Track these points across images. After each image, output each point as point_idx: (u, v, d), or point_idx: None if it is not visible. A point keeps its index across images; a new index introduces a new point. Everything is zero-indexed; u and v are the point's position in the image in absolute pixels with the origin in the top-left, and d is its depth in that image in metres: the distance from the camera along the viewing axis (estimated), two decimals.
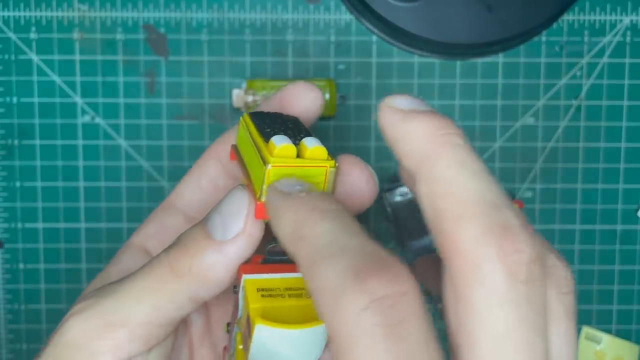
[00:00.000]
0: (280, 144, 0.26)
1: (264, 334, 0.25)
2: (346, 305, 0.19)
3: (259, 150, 0.26)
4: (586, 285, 0.55)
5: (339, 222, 0.22)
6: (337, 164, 0.27)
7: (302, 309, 0.26)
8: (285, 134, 0.27)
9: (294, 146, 0.26)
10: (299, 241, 0.22)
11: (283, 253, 0.27)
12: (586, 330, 0.55)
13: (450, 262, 0.21)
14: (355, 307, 0.19)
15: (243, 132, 0.29)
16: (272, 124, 0.28)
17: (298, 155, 0.26)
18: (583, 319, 0.55)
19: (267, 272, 0.27)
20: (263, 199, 0.26)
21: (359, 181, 0.28)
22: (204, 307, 0.32)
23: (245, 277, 0.27)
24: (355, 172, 0.28)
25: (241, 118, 0.29)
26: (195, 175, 0.33)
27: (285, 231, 0.23)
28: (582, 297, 0.55)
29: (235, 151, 0.30)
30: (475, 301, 0.21)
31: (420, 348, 0.21)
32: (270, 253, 0.28)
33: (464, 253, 0.21)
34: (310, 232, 0.22)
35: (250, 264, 0.27)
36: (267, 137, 0.27)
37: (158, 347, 0.27)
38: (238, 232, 0.26)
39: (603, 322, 0.55)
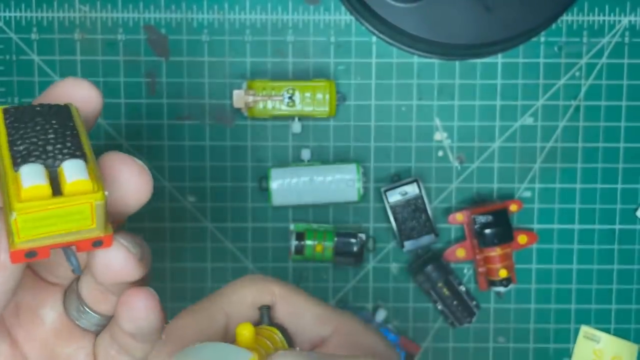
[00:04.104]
0: (30, 183, 0.22)
1: None
2: None
3: (5, 178, 0.22)
4: (585, 284, 0.55)
5: None
6: (106, 194, 0.23)
7: None
8: (44, 151, 0.23)
9: (46, 185, 0.22)
10: None
11: None
12: (585, 329, 0.55)
13: None
14: None
15: None
16: (29, 132, 0.23)
17: (56, 191, 0.22)
18: (582, 318, 0.55)
19: None
20: (18, 246, 0.22)
21: (131, 182, 0.25)
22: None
23: None
24: (124, 172, 0.25)
25: None
26: None
27: None
28: (580, 296, 0.55)
29: None
30: None
31: None
32: None
33: None
34: None
35: None
36: (16, 162, 0.23)
37: None
38: None
39: (602, 322, 0.55)
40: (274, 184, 0.51)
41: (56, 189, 0.22)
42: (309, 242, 0.52)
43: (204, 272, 0.54)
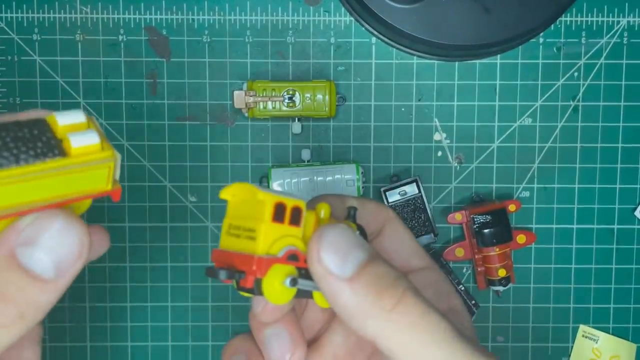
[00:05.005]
0: (94, 140, 0.24)
1: None
2: None
3: (62, 168, 0.24)
4: (583, 284, 0.55)
5: None
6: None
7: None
8: (42, 137, 0.24)
9: (97, 132, 0.25)
10: None
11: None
12: (583, 328, 0.55)
13: None
14: None
15: None
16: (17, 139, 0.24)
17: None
18: (580, 317, 0.55)
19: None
20: (114, 187, 0.25)
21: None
22: None
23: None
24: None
25: None
26: None
27: None
28: (579, 295, 0.55)
29: None
30: None
31: None
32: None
33: None
34: None
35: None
36: (47, 154, 0.24)
37: None
38: (73, 263, 0.24)
39: (600, 321, 0.55)
40: (275, 184, 0.51)
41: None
42: None
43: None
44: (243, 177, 0.54)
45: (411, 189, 0.52)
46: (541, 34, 0.52)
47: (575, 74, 0.53)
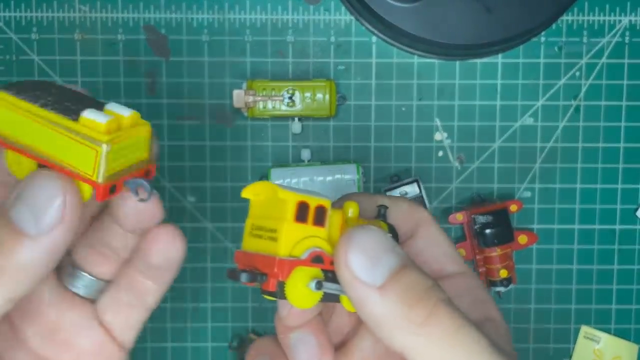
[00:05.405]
0: (105, 119, 0.25)
1: None
2: None
3: (67, 130, 0.25)
4: (585, 284, 0.55)
5: None
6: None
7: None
8: (78, 106, 0.25)
9: (116, 118, 0.25)
10: None
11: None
12: (585, 329, 0.55)
13: None
14: None
15: (8, 112, 0.26)
16: (48, 99, 0.25)
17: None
18: (582, 318, 0.55)
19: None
20: (100, 181, 0.25)
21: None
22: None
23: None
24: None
25: None
26: None
27: None
28: (581, 296, 0.55)
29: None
30: None
31: None
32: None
33: None
34: None
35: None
36: (69, 115, 0.25)
37: None
38: (54, 223, 0.24)
39: (602, 322, 0.55)
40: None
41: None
42: None
43: (203, 272, 0.54)
44: (243, 177, 0.53)
45: (412, 189, 0.52)
46: (542, 34, 0.52)
47: (577, 73, 0.53)
